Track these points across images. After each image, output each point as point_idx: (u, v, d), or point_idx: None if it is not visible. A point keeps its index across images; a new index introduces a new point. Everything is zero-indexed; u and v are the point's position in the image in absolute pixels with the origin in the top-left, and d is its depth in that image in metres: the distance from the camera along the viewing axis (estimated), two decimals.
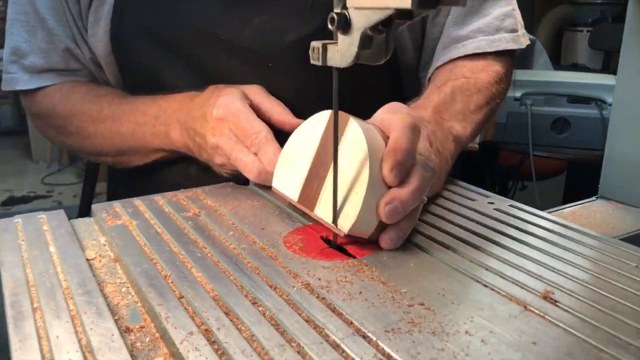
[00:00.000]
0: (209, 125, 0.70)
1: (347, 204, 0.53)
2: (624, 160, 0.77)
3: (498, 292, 0.46)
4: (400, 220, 0.53)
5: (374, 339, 0.40)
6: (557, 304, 0.45)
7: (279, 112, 0.73)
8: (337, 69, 0.49)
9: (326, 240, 0.56)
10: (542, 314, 0.43)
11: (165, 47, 0.80)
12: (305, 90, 0.77)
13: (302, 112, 0.69)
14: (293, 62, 0.79)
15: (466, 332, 0.41)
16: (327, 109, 0.73)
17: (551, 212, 0.71)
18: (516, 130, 2.11)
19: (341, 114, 0.55)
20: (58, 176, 3.94)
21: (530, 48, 2.54)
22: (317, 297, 0.45)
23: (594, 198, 0.80)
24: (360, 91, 0.80)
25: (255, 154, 0.68)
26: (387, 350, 0.39)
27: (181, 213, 0.62)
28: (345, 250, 0.54)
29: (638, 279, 0.49)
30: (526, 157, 2.16)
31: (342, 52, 0.46)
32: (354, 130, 0.55)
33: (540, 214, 0.63)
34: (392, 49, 0.46)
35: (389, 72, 0.89)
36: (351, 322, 0.42)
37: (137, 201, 0.66)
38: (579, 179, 2.47)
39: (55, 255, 0.53)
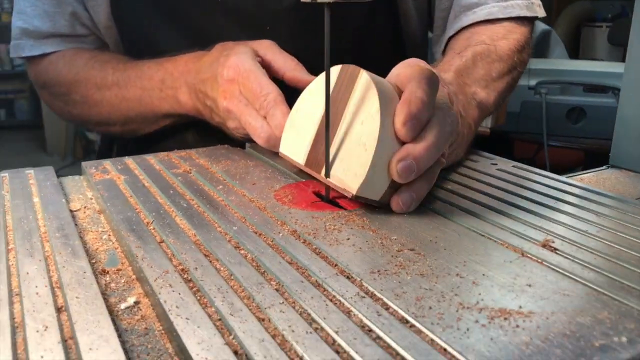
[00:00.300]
0: (219, 87, 0.66)
1: (355, 162, 0.48)
2: (635, 128, 0.74)
3: (495, 241, 0.44)
4: (415, 180, 0.48)
5: (358, 279, 0.38)
6: (557, 251, 0.42)
7: (292, 68, 0.69)
8: (330, 17, 0.47)
9: (318, 195, 0.54)
10: (539, 260, 0.41)
11: (161, 11, 0.79)
12: (305, 54, 0.75)
13: None
14: (291, 26, 0.77)
15: (457, 275, 0.38)
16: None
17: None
18: (530, 119, 2.06)
19: (352, 67, 0.52)
20: (72, 169, 3.95)
21: (546, 38, 2.49)
22: (304, 243, 0.43)
23: (604, 167, 0.77)
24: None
25: (265, 117, 0.63)
26: (371, 289, 0.36)
27: (171, 170, 0.61)
28: (337, 204, 0.52)
29: None
30: (541, 147, 2.12)
31: None
32: (364, 82, 0.50)
33: (545, 174, 0.60)
34: None
35: (392, 44, 0.87)
36: (336, 265, 0.40)
37: (129, 160, 0.64)
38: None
39: (37, 205, 0.51)
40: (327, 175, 0.51)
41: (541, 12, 0.84)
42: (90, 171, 0.60)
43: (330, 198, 0.53)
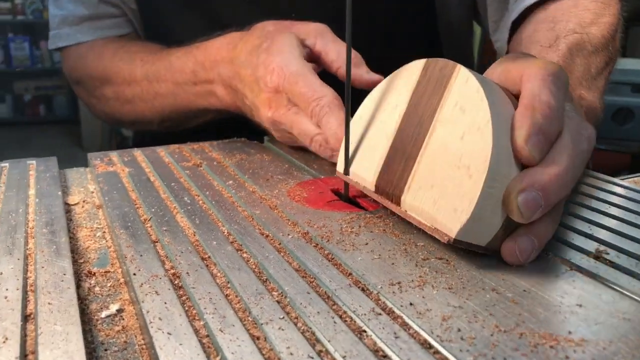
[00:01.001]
0: (262, 94, 0.57)
1: (454, 192, 0.35)
2: None
3: None
4: (538, 220, 0.35)
5: (375, 292, 0.32)
6: (612, 264, 0.36)
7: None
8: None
9: (337, 193, 0.49)
10: (591, 275, 0.34)
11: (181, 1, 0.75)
12: None
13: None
14: (320, 14, 0.71)
15: (493, 290, 0.32)
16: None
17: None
18: None
19: (442, 61, 0.39)
20: None
21: None
22: (315, 247, 0.38)
23: None
24: (390, 55, 0.72)
25: (318, 125, 0.54)
26: (389, 304, 0.31)
27: (180, 163, 0.56)
28: (357, 203, 0.47)
29: None
30: None
31: None
32: (464, 82, 0.37)
33: (596, 175, 0.53)
34: None
35: (425, 33, 0.80)
36: (349, 274, 0.34)
37: (137, 152, 0.60)
38: None
39: (31, 197, 0.47)
40: (396, 202, 0.39)
41: None
42: (95, 162, 0.56)
43: (350, 197, 0.47)
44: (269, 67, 0.56)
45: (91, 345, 0.29)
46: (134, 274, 0.34)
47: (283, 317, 0.29)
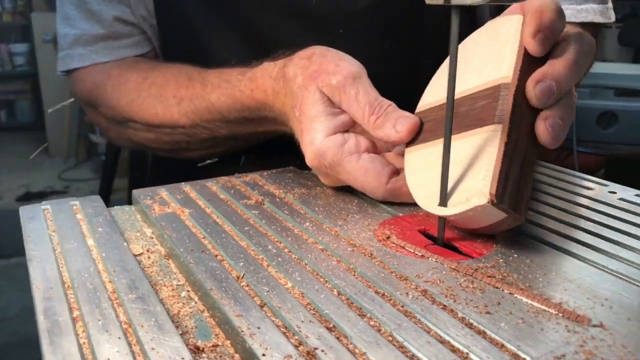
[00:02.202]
0: (306, 156, 0.53)
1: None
2: None
3: None
4: (555, 106, 0.44)
5: None
6: None
7: (369, 126, 0.51)
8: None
9: (428, 236, 0.45)
10: None
11: (214, 10, 0.69)
12: (377, 61, 0.66)
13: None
14: (366, 28, 0.68)
15: None
16: (399, 82, 0.62)
17: None
18: None
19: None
20: (75, 171, 3.85)
21: None
22: (444, 309, 0.34)
23: None
24: (418, 71, 0.70)
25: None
26: None
27: (241, 200, 0.52)
28: (454, 247, 0.43)
29: None
30: (565, 153, 2.04)
31: None
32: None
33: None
34: None
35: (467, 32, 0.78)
36: (502, 345, 0.31)
37: (186, 187, 0.55)
38: (618, 174, 2.34)
39: (94, 249, 0.42)
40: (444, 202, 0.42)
41: (613, 17, 0.75)
42: (146, 202, 0.51)
43: (446, 240, 0.44)
44: (306, 154, 0.53)
45: None
46: (264, 355, 0.30)
47: None
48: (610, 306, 0.35)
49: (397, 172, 0.50)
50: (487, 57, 0.48)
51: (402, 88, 0.66)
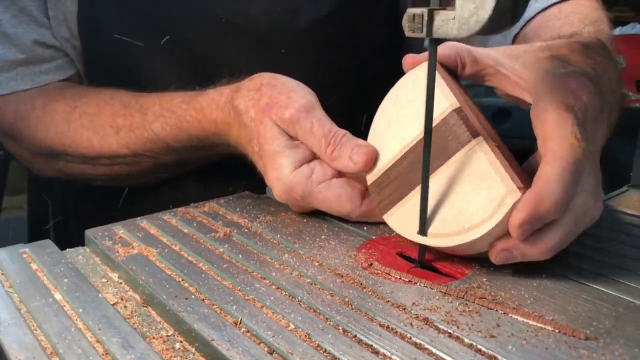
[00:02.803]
0: (274, 191, 0.53)
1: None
2: None
3: None
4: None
5: None
6: None
7: (326, 157, 0.51)
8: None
9: (407, 258, 0.46)
10: None
11: (147, 30, 0.66)
12: (321, 78, 0.66)
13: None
14: (308, 47, 0.68)
15: None
16: (342, 98, 0.62)
17: None
18: None
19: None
20: None
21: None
22: (450, 336, 0.35)
23: (625, 188, 0.75)
24: (362, 85, 0.71)
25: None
26: None
27: (208, 234, 0.50)
28: (435, 268, 0.44)
29: None
30: None
31: (462, 18, 0.35)
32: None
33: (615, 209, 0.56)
34: (523, 11, 0.37)
35: (398, 61, 0.80)
36: None
37: (143, 222, 0.52)
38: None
39: (66, 304, 0.39)
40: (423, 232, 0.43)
41: None
42: (105, 244, 0.48)
43: (426, 262, 0.45)
44: (274, 189, 0.52)
45: None
46: None
47: None
48: (595, 317, 0.37)
49: (367, 190, 0.51)
50: (411, 110, 0.48)
51: (347, 104, 0.67)
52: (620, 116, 0.54)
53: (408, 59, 0.50)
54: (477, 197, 0.41)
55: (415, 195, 0.45)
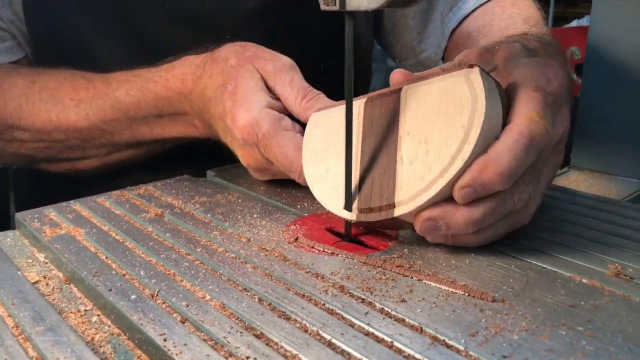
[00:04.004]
0: (235, 145, 0.54)
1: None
2: (595, 129, 0.75)
3: (563, 273, 0.40)
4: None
5: (462, 347, 0.31)
6: (634, 280, 0.39)
7: (303, 108, 0.52)
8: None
9: (335, 233, 0.47)
10: (626, 295, 0.37)
11: (96, 15, 0.66)
12: None
13: None
14: (256, 33, 0.68)
15: (564, 325, 0.33)
16: None
17: None
18: None
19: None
20: None
21: None
22: (362, 302, 0.36)
23: (566, 169, 0.77)
24: (311, 69, 0.71)
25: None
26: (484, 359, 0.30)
27: (139, 215, 0.50)
28: (361, 242, 0.45)
29: None
30: None
31: None
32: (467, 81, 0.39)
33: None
34: None
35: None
36: (421, 330, 0.33)
37: (76, 205, 0.52)
38: None
39: None
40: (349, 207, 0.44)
41: None
42: (35, 225, 0.47)
43: (352, 236, 0.45)
44: (238, 122, 0.52)
45: None
46: None
47: None
48: (507, 283, 0.38)
49: None
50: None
51: None
52: None
53: (397, 74, 0.47)
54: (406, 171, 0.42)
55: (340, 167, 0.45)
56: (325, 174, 0.46)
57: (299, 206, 0.52)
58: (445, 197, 0.40)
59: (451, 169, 0.39)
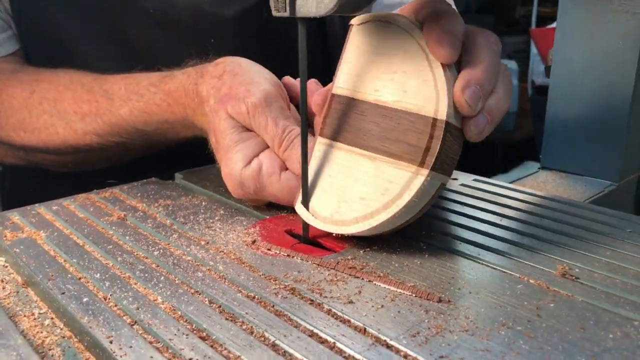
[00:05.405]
0: (228, 187, 0.53)
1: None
2: (564, 130, 0.76)
3: (511, 274, 0.40)
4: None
5: (402, 347, 0.32)
6: (579, 280, 0.39)
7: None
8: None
9: (293, 234, 0.47)
10: (569, 294, 0.38)
11: (79, 16, 0.66)
12: None
13: None
14: (236, 37, 0.68)
15: (504, 325, 0.34)
16: None
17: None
18: None
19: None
20: None
21: None
22: (311, 304, 0.37)
23: (536, 169, 0.78)
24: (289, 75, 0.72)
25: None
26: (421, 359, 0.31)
27: (102, 218, 0.50)
28: (319, 244, 0.46)
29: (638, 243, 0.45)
30: None
31: None
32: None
33: (507, 186, 0.58)
34: None
35: (320, 45, 0.81)
36: (365, 331, 0.34)
37: (40, 208, 0.52)
38: (464, 159, 2.56)
39: None
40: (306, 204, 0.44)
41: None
42: None
43: (310, 238, 0.46)
44: (227, 182, 0.52)
45: None
46: None
47: None
48: (455, 283, 0.39)
49: None
50: (403, 68, 0.44)
51: None
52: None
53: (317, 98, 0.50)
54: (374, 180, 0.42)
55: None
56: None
57: (262, 209, 0.53)
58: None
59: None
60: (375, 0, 0.40)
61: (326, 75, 0.69)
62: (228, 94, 0.52)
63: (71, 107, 0.63)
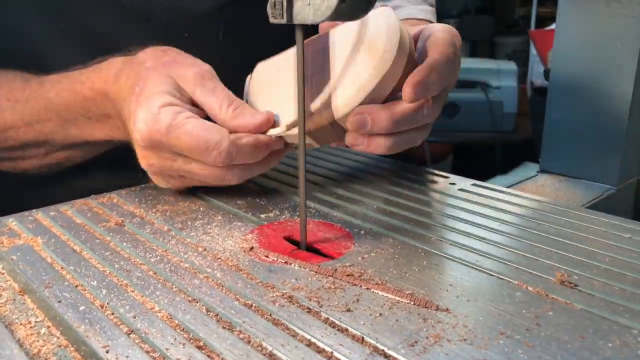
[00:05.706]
0: (137, 147, 0.53)
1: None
2: (563, 133, 0.76)
3: (509, 281, 0.40)
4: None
5: (400, 357, 0.32)
6: (578, 287, 0.39)
7: (229, 117, 0.51)
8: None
9: (291, 241, 0.47)
10: (568, 302, 0.37)
11: (47, 14, 0.65)
12: (227, 62, 0.65)
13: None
14: (211, 32, 0.68)
15: (502, 334, 0.34)
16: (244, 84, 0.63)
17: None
18: None
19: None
20: None
21: None
22: (309, 312, 0.36)
23: (536, 173, 0.78)
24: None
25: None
26: None
27: (100, 224, 0.50)
28: (317, 250, 0.46)
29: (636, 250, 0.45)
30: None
31: (315, 4, 0.37)
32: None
33: (505, 191, 0.58)
34: (375, 1, 0.38)
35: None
36: (362, 340, 0.33)
37: (37, 214, 0.52)
38: (464, 159, 2.56)
39: None
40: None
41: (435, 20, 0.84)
42: None
43: (308, 244, 0.46)
44: (137, 123, 0.50)
45: None
46: None
47: None
48: (454, 291, 0.39)
49: None
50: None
51: None
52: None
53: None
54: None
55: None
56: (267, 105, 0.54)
57: (260, 215, 0.52)
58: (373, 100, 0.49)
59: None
60: (372, 8, 0.40)
61: None
62: (172, 61, 0.53)
63: (5, 96, 0.64)
